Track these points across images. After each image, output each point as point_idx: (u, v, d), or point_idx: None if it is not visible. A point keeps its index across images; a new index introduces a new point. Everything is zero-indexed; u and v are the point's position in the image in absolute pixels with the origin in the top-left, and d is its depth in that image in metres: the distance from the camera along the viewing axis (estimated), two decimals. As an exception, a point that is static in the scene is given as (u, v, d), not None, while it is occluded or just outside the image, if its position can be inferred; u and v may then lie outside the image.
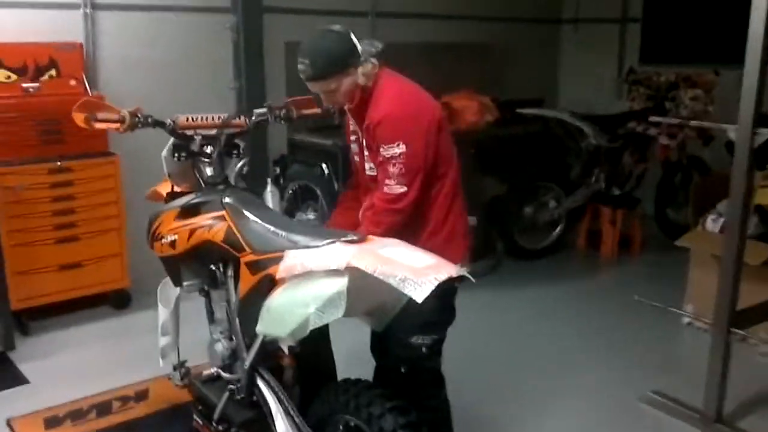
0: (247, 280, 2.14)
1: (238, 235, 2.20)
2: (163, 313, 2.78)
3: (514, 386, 3.43)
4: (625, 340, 3.96)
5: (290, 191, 4.86)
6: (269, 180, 3.44)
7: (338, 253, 1.79)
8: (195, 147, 2.51)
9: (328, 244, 1.88)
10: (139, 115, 2.39)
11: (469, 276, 1.79)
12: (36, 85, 4.01)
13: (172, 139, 2.51)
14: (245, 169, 3.03)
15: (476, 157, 4.93)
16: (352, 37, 2.32)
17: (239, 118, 2.58)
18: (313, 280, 1.82)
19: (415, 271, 1.66)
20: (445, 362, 2.48)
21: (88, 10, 4.26)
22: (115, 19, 4.39)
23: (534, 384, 3.44)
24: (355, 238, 1.89)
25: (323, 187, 4.62)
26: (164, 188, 2.70)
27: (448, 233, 2.41)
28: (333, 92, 2.31)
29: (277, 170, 5.01)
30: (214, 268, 2.41)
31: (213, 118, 2.52)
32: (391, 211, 2.28)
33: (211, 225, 2.32)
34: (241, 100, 4.87)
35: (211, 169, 2.51)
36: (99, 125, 2.32)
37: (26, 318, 3.91)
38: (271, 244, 2.08)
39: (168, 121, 2.45)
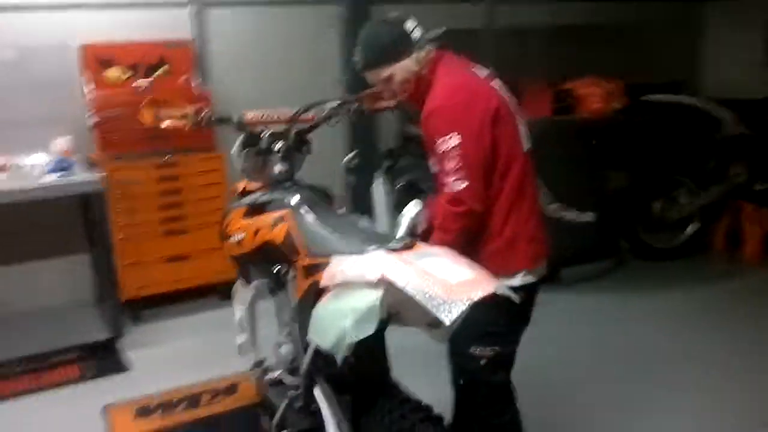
0: (302, 284, 2.05)
1: (295, 237, 2.10)
2: (238, 311, 2.75)
3: (623, 402, 3.12)
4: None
5: (399, 186, 4.74)
6: (378, 174, 3.35)
7: (377, 262, 1.64)
8: (263, 143, 2.45)
9: (373, 250, 1.73)
10: (204, 113, 2.35)
11: (511, 294, 1.57)
12: (148, 81, 4.14)
13: (242, 136, 2.46)
14: (354, 162, 2.96)
15: (598, 148, 4.57)
16: (407, 23, 2.19)
17: (308, 113, 2.49)
18: (352, 290, 1.67)
19: (447, 288, 1.47)
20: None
21: (197, 7, 4.35)
22: (224, 15, 4.46)
23: (648, 400, 3.12)
24: (399, 245, 1.73)
25: (431, 184, 4.45)
26: (242, 185, 2.67)
27: (510, 237, 2.16)
28: (388, 81, 2.19)
29: (388, 164, 4.90)
30: (277, 269, 2.33)
31: (280, 114, 2.44)
32: (455, 215, 2.06)
33: (274, 225, 2.25)
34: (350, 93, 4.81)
35: (281, 165, 2.44)
36: (164, 123, 2.31)
37: (138, 307, 4.07)
38: (323, 248, 1.96)
39: (234, 117, 2.40)
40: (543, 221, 2.30)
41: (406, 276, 1.53)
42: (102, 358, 3.60)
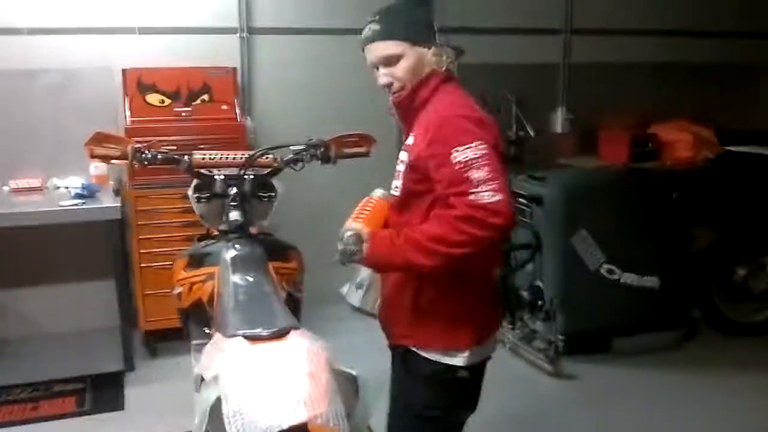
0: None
1: (214, 302, 1.86)
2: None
3: None
4: None
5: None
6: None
7: (225, 356, 1.36)
8: (216, 188, 2.22)
9: (240, 335, 1.45)
10: (146, 151, 2.16)
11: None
12: (188, 109, 4.06)
13: (194, 179, 2.25)
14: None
15: (678, 202, 4.02)
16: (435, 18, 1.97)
17: (269, 156, 2.24)
18: (204, 386, 1.40)
19: (266, 406, 1.17)
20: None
21: (244, 35, 4.24)
22: (272, 42, 4.32)
23: None
24: (267, 332, 1.43)
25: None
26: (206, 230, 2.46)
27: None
28: (393, 63, 1.87)
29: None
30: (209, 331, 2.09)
31: (235, 157, 2.21)
32: (485, 224, 1.64)
33: (204, 282, 2.01)
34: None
35: (234, 213, 2.20)
36: (98, 160, 2.14)
37: (156, 339, 3.95)
38: (220, 323, 1.70)
39: (183, 158, 2.19)
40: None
41: (232, 383, 1.24)
42: (102, 393, 3.49)
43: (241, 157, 2.20)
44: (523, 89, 4.70)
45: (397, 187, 1.91)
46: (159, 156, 2.18)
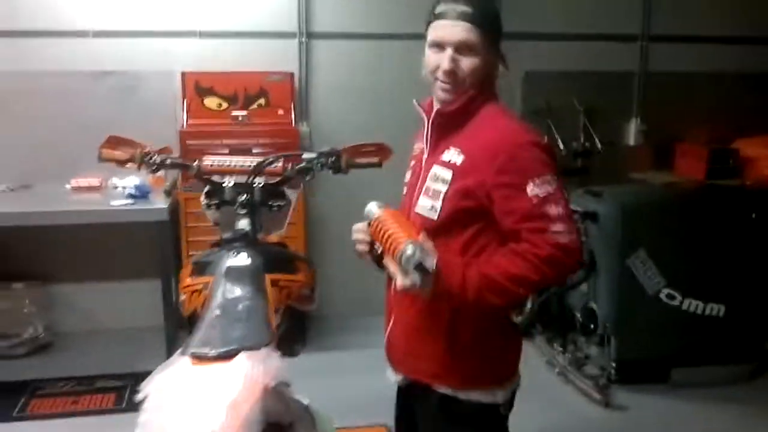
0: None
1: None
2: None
3: None
4: None
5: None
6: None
7: (161, 376, 1.30)
8: (226, 195, 2.18)
9: (187, 355, 1.39)
10: (154, 156, 2.14)
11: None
12: (244, 113, 4.08)
13: (206, 186, 2.22)
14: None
15: (757, 224, 3.72)
16: None
17: (278, 164, 2.18)
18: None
19: None
20: None
21: (303, 39, 4.22)
22: (330, 47, 4.28)
23: None
24: (214, 353, 1.36)
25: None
26: (222, 236, 2.42)
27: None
28: (465, 53, 1.68)
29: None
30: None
31: (244, 164, 2.16)
32: (563, 265, 1.59)
33: (201, 291, 1.97)
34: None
35: (242, 222, 2.15)
36: (107, 162, 2.14)
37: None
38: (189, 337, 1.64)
39: (193, 164, 2.16)
40: None
41: (154, 404, 1.18)
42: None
43: (250, 165, 2.14)
44: (594, 98, 4.47)
45: (433, 208, 1.71)
46: (167, 161, 2.16)
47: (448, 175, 1.69)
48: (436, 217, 1.70)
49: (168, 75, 4.11)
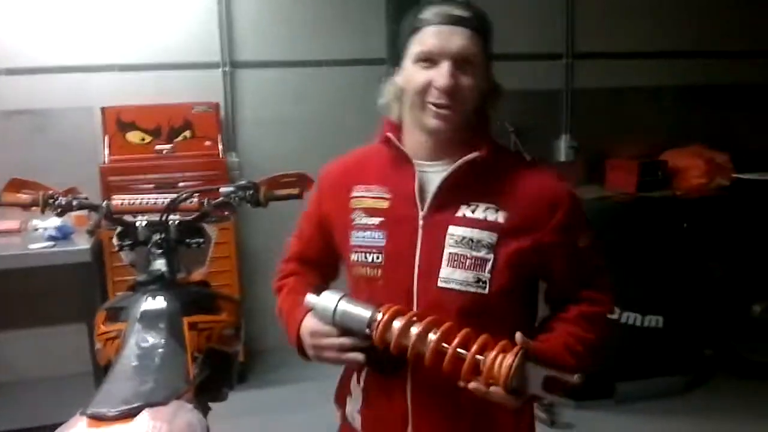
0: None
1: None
2: None
3: None
4: None
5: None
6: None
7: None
8: (139, 235, 2.07)
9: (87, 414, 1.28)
10: (59, 199, 2.02)
11: None
12: (169, 146, 3.95)
13: (117, 227, 2.10)
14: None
15: (688, 234, 3.76)
16: None
17: (193, 200, 2.08)
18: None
19: None
20: None
21: (227, 69, 4.12)
22: (256, 76, 4.19)
23: None
24: (113, 413, 1.26)
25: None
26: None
27: None
28: (467, 69, 1.36)
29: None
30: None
31: (156, 202, 2.05)
32: (608, 324, 1.52)
33: (114, 339, 1.85)
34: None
35: (158, 262, 2.04)
36: (8, 206, 2.01)
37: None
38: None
39: (102, 205, 2.05)
40: None
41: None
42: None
43: (163, 202, 2.04)
44: (524, 117, 4.47)
45: (480, 281, 1.37)
46: (74, 203, 2.04)
47: (491, 237, 1.38)
48: (486, 291, 1.38)
49: (86, 111, 3.96)
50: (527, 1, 4.51)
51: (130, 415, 1.27)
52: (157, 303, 1.87)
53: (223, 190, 2.10)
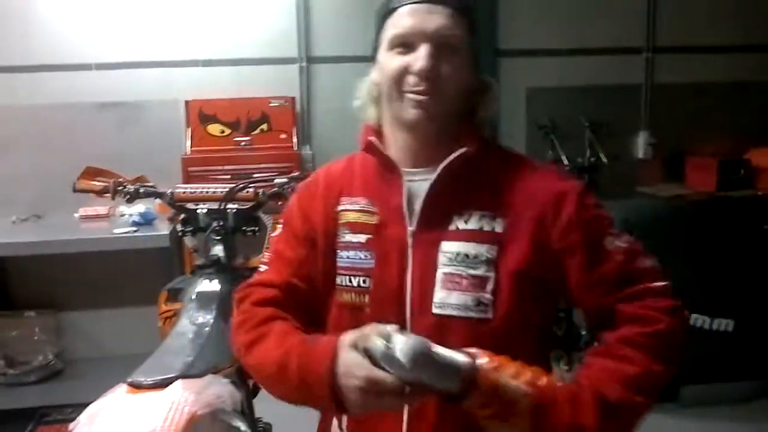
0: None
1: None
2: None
3: None
4: None
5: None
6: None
7: (94, 404, 1.31)
8: (200, 222, 2.20)
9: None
10: (129, 186, 2.17)
11: None
12: (247, 138, 4.12)
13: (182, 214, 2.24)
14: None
15: (770, 235, 3.63)
16: None
17: (249, 190, 2.19)
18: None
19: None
20: None
21: (304, 64, 4.25)
22: (331, 71, 4.30)
23: None
24: (150, 381, 1.37)
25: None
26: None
27: None
28: (448, 53, 1.22)
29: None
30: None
31: (216, 190, 2.18)
32: (683, 331, 1.23)
33: (172, 317, 1.99)
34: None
35: (216, 248, 2.17)
36: (82, 192, 2.18)
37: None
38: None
39: (166, 192, 2.19)
40: None
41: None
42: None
43: (222, 191, 2.16)
44: (601, 113, 4.40)
45: (480, 303, 1.18)
46: (141, 190, 2.19)
47: (490, 251, 1.19)
48: (491, 315, 1.18)
49: (171, 104, 4.18)
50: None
51: (163, 384, 1.38)
52: (211, 285, 1.99)
53: (277, 180, 2.20)
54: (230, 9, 4.17)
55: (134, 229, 3.75)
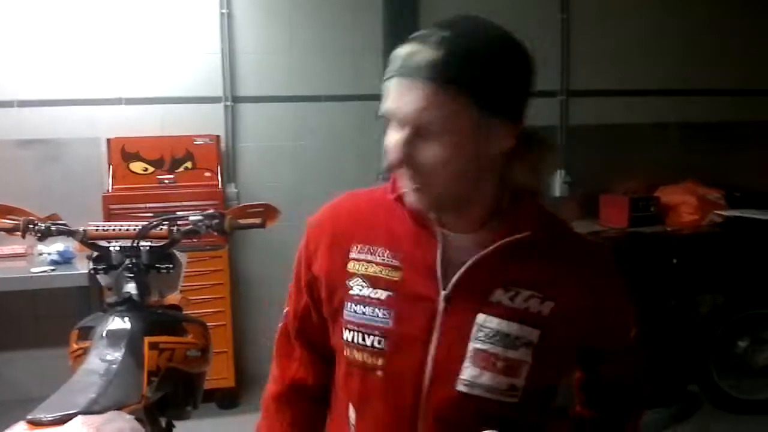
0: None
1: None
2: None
3: None
4: None
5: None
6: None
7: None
8: (113, 259, 2.20)
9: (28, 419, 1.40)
10: (40, 224, 2.16)
11: None
12: (171, 176, 4.12)
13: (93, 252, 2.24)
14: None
15: (678, 270, 3.81)
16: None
17: (163, 227, 2.21)
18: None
19: None
20: None
21: (228, 103, 4.30)
22: (256, 110, 4.35)
23: None
24: (49, 418, 1.37)
25: None
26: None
27: None
28: (427, 133, 1.03)
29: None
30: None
31: (129, 228, 2.19)
32: None
33: (81, 356, 1.97)
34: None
35: (129, 285, 2.17)
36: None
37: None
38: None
39: (78, 230, 2.19)
40: None
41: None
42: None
43: (135, 229, 2.17)
44: (519, 153, 4.57)
45: (513, 388, 1.10)
46: (53, 228, 2.18)
47: (532, 334, 1.10)
48: (517, 400, 1.11)
49: (93, 141, 4.15)
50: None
51: (63, 420, 1.38)
52: (122, 323, 1.99)
53: (192, 218, 2.23)
54: (154, 48, 4.20)
55: (52, 268, 3.68)
